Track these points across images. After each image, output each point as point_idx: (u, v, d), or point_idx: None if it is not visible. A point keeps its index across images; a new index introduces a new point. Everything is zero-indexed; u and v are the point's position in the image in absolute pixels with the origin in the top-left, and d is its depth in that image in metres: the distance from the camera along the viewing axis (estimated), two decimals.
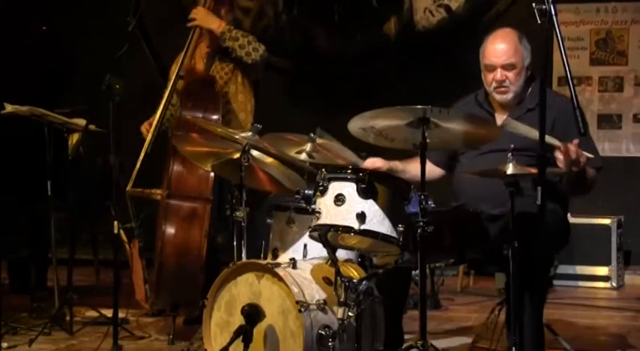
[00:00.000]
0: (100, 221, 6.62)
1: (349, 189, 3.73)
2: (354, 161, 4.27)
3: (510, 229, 3.85)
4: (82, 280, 6.95)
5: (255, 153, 4.27)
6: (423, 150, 3.74)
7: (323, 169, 3.87)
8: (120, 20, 5.03)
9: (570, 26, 7.82)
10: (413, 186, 3.83)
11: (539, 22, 3.37)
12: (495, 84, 4.34)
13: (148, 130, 5.39)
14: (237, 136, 4.20)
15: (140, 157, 5.29)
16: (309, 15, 8.05)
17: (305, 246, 4.15)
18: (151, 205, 5.26)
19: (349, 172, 3.79)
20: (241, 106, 5.49)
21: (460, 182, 4.41)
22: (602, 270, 7.18)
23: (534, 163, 3.57)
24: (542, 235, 3.53)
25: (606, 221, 7.21)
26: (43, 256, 5.95)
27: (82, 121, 5.60)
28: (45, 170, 5.45)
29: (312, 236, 3.87)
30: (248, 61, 5.39)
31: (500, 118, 4.35)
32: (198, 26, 5.41)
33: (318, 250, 4.02)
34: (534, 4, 3.37)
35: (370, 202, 3.70)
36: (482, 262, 4.82)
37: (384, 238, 3.69)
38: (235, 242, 4.21)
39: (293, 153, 4.35)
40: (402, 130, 3.78)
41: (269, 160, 4.37)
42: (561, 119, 4.17)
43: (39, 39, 7.33)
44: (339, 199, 3.73)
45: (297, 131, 4.48)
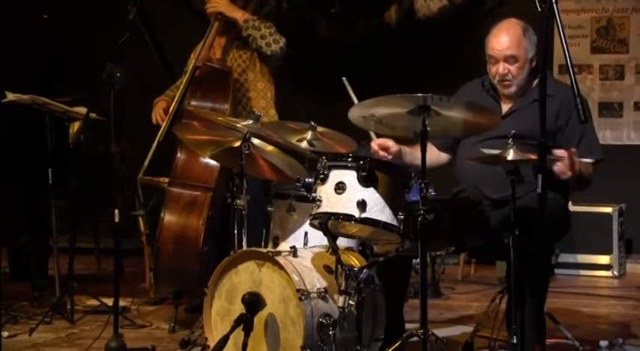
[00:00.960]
0: (101, 209, 6.63)
1: (350, 177, 3.72)
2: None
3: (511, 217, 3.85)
4: (83, 268, 6.95)
5: (256, 141, 4.27)
6: (423, 138, 3.73)
7: (323, 156, 3.86)
8: (121, 8, 5.02)
9: (571, 14, 7.80)
10: (413, 174, 3.82)
11: (539, 9, 3.37)
12: (498, 77, 4.34)
13: (163, 119, 5.38)
14: (237, 125, 4.19)
15: (153, 145, 5.29)
16: (310, 3, 8.05)
17: (306, 234, 4.14)
18: (159, 192, 5.27)
19: (350, 160, 3.78)
20: (261, 94, 5.48)
21: (461, 167, 4.41)
22: (603, 258, 7.17)
23: (535, 151, 3.57)
24: (542, 223, 3.52)
25: (607, 209, 7.20)
26: (43, 245, 5.95)
27: (83, 110, 5.60)
28: (46, 158, 5.46)
29: (312, 224, 3.87)
30: (267, 53, 5.37)
31: (506, 105, 4.39)
32: (221, 14, 5.39)
33: (318, 238, 4.02)
34: None
35: (371, 190, 3.70)
36: (483, 251, 4.83)
37: (384, 226, 3.69)
38: (236, 230, 4.21)
39: (294, 141, 4.35)
40: (402, 118, 3.77)
41: (269, 148, 4.36)
42: (565, 108, 4.18)
43: (39, 27, 7.31)
44: (339, 187, 3.72)
45: (298, 119, 4.47)
